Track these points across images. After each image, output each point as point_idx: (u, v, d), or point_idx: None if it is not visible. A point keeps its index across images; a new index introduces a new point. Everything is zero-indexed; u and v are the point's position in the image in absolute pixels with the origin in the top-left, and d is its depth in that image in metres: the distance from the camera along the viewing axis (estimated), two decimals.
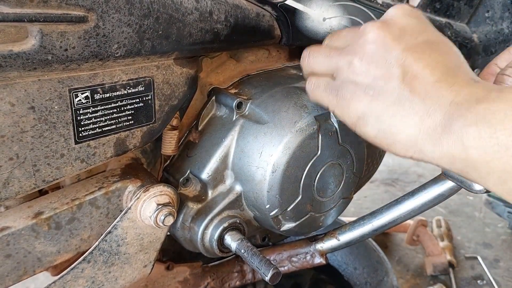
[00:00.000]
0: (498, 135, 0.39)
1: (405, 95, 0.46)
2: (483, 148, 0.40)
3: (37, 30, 0.43)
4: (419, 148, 0.46)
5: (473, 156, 0.41)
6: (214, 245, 0.66)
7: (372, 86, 0.48)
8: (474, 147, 0.40)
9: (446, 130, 0.43)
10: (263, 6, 0.65)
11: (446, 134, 0.43)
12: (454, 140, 0.42)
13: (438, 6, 0.91)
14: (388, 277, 1.15)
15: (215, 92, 0.70)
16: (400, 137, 0.47)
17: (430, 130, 0.44)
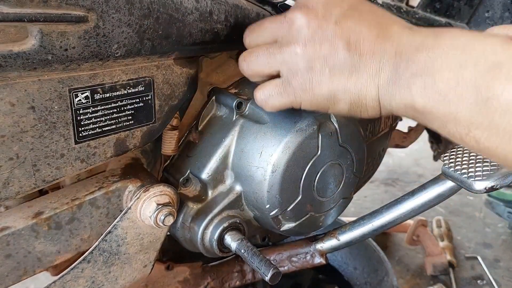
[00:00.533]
0: (438, 84, 0.43)
1: (356, 60, 0.49)
2: (426, 97, 0.44)
3: (37, 30, 0.43)
4: (382, 104, 0.50)
5: (419, 105, 0.45)
6: (214, 245, 0.66)
7: (325, 65, 0.50)
8: (419, 96, 0.44)
9: (396, 82, 0.47)
10: (263, 6, 0.65)
11: (397, 86, 0.47)
12: (404, 91, 0.46)
13: (438, 6, 0.91)
14: (388, 277, 1.15)
15: (215, 92, 0.70)
16: (367, 101, 0.50)
17: (385, 84, 0.48)
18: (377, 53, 0.48)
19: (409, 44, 0.46)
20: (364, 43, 0.48)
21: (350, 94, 0.50)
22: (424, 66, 0.44)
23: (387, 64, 0.47)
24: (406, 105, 0.46)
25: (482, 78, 0.40)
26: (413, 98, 0.45)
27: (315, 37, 0.50)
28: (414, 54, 0.45)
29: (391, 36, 0.48)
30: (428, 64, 0.44)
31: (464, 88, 0.41)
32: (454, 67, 0.42)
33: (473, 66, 0.41)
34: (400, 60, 0.46)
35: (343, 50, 0.49)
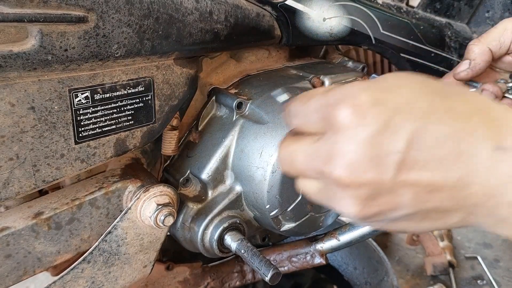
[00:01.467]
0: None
1: (430, 210, 0.37)
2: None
3: (37, 30, 0.43)
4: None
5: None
6: (214, 245, 0.66)
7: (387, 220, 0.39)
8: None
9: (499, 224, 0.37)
10: (263, 6, 0.65)
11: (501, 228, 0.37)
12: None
13: (438, 6, 0.91)
14: (388, 277, 1.15)
15: (215, 92, 0.70)
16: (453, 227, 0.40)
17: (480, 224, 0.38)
18: (460, 199, 0.36)
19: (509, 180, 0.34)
20: (439, 195, 0.36)
21: (422, 230, 0.40)
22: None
23: (478, 209, 0.36)
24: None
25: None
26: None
27: (369, 196, 0.36)
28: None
29: (478, 173, 0.34)
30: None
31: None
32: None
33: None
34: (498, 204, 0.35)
35: (409, 206, 0.36)
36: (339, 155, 0.36)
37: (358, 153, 0.35)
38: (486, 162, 0.34)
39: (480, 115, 0.35)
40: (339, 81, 0.76)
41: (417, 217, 0.38)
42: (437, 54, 0.87)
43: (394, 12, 0.81)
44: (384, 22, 0.78)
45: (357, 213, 0.37)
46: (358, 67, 0.85)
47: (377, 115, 0.35)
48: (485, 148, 0.34)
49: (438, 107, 0.35)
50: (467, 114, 0.35)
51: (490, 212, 0.36)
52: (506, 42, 0.67)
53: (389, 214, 0.37)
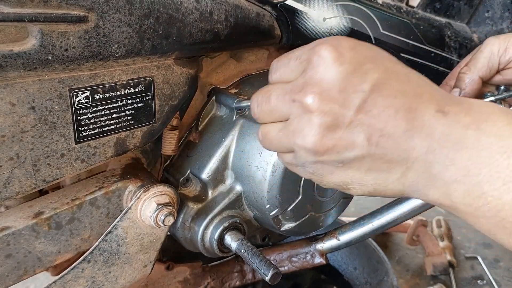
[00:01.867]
0: (487, 195, 0.38)
1: (377, 158, 0.41)
2: (471, 206, 0.39)
3: (37, 30, 0.43)
4: (408, 194, 0.44)
5: (461, 209, 0.40)
6: (214, 245, 0.66)
7: (339, 158, 0.42)
8: (462, 202, 0.40)
9: (429, 184, 0.41)
10: (263, 6, 0.65)
11: (430, 187, 0.41)
12: (441, 194, 0.41)
13: (438, 6, 0.91)
14: (388, 277, 1.15)
15: (215, 92, 0.70)
16: (388, 193, 0.45)
17: (414, 184, 0.42)
18: (404, 150, 0.40)
19: (444, 139, 0.39)
20: (388, 140, 0.40)
21: (367, 187, 0.44)
22: (467, 173, 0.38)
23: (416, 164, 0.40)
24: (443, 204, 0.42)
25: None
26: (453, 202, 0.40)
27: (329, 126, 0.41)
28: (452, 153, 0.39)
29: (422, 128, 0.40)
30: (472, 170, 0.38)
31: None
32: (510, 181, 0.36)
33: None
34: (434, 159, 0.39)
35: (361, 147, 0.41)
36: (313, 84, 0.41)
37: (330, 84, 0.40)
38: (428, 120, 0.40)
39: (430, 86, 0.43)
40: None
41: (365, 164, 0.42)
42: (437, 54, 0.87)
43: (394, 12, 0.81)
44: (384, 22, 0.78)
45: (315, 143, 0.41)
46: None
47: (353, 57, 0.41)
48: (429, 109, 0.40)
49: (400, 70, 0.43)
50: (419, 82, 0.43)
51: (425, 168, 0.40)
52: (494, 66, 0.68)
53: (342, 152, 0.42)
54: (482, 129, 0.39)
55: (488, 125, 0.39)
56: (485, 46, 0.68)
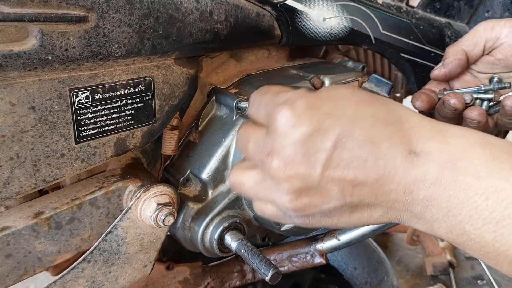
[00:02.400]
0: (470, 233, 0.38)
1: (356, 203, 0.42)
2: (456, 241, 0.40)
3: (37, 30, 0.43)
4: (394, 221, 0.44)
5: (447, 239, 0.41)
6: (214, 245, 0.66)
7: (319, 211, 0.43)
8: (446, 238, 0.40)
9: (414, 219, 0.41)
10: (263, 6, 0.65)
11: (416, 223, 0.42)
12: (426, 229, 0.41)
13: (438, 6, 0.91)
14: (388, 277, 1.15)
15: (215, 92, 0.70)
16: (379, 223, 0.45)
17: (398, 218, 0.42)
18: (381, 195, 0.40)
19: (420, 181, 0.39)
20: (362, 189, 0.40)
21: (356, 224, 0.45)
22: (448, 212, 0.38)
23: (396, 204, 0.40)
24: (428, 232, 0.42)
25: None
26: (438, 234, 0.40)
27: (300, 188, 0.41)
28: (430, 194, 0.38)
29: (395, 174, 0.39)
30: (452, 210, 0.38)
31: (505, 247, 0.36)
32: (490, 222, 0.36)
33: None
34: (413, 200, 0.39)
35: (336, 199, 0.41)
36: (277, 151, 0.41)
37: (292, 150, 0.40)
38: (401, 164, 0.39)
39: (398, 123, 0.41)
40: (339, 80, 0.76)
41: (346, 210, 0.42)
42: (437, 54, 0.87)
43: (394, 12, 0.81)
44: (384, 22, 0.78)
45: (290, 204, 0.42)
46: (358, 67, 0.85)
47: (310, 118, 0.40)
48: (400, 153, 0.39)
49: (362, 114, 0.40)
50: (387, 122, 0.40)
51: (406, 207, 0.40)
52: (479, 42, 0.68)
53: (321, 206, 0.42)
54: (458, 168, 0.38)
55: (464, 163, 0.38)
56: (475, 27, 0.70)
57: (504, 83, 0.68)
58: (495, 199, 0.36)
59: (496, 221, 0.36)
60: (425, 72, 0.86)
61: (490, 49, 0.69)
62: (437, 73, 0.71)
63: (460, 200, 0.37)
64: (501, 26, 0.66)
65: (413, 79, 0.87)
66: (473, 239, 0.38)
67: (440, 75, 0.70)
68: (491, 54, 0.69)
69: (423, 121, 0.41)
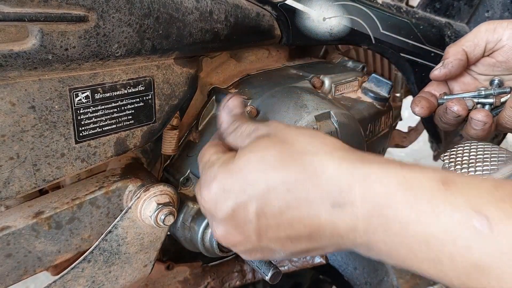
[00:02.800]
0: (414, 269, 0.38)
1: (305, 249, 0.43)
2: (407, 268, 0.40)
3: (37, 30, 0.43)
4: None
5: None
6: (215, 245, 0.66)
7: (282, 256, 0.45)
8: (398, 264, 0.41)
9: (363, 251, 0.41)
10: (263, 6, 0.65)
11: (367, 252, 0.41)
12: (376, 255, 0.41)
13: (438, 6, 0.91)
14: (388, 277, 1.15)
15: (215, 91, 0.70)
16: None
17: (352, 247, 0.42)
18: (322, 242, 0.41)
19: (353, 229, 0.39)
20: (301, 242, 0.42)
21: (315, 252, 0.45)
22: (390, 253, 0.38)
23: (343, 246, 0.41)
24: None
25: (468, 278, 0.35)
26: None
27: (248, 251, 0.45)
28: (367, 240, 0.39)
29: (324, 230, 0.40)
30: (393, 252, 0.38)
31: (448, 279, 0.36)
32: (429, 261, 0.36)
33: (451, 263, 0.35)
34: (354, 244, 0.40)
35: (284, 252, 0.44)
36: (214, 227, 0.46)
37: (223, 227, 0.44)
38: (328, 219, 0.39)
39: (314, 180, 0.40)
40: (339, 80, 0.76)
41: (300, 253, 0.43)
42: (437, 54, 0.87)
43: (394, 12, 0.81)
44: (384, 22, 0.78)
45: (250, 257, 0.47)
46: (358, 67, 0.85)
47: (226, 199, 0.43)
48: (322, 209, 0.39)
49: (273, 184, 0.41)
50: (301, 183, 0.40)
51: (352, 246, 0.41)
52: (480, 43, 0.68)
53: (274, 255, 0.45)
54: (385, 216, 0.37)
55: (389, 211, 0.37)
56: (476, 27, 0.69)
57: (505, 88, 0.68)
58: (426, 243, 0.36)
59: (434, 261, 0.36)
60: (425, 72, 0.86)
61: (491, 51, 0.68)
62: (437, 73, 0.70)
63: (395, 243, 0.37)
64: (503, 28, 0.66)
65: (413, 79, 0.87)
66: (421, 272, 0.38)
67: (441, 76, 0.70)
68: (491, 56, 0.69)
69: (340, 168, 0.40)
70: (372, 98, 0.75)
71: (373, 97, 0.75)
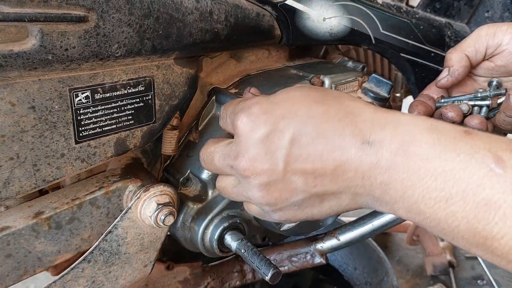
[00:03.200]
0: (425, 212, 0.41)
1: (321, 193, 0.46)
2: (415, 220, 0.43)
3: (37, 30, 0.43)
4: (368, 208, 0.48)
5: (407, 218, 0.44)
6: (214, 245, 0.66)
7: (290, 204, 0.48)
8: (407, 218, 0.44)
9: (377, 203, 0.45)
10: (263, 6, 0.65)
11: (379, 206, 0.45)
12: (389, 210, 0.45)
13: (438, 6, 0.91)
14: (388, 277, 1.15)
15: (215, 92, 0.70)
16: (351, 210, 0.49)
17: (365, 203, 0.46)
18: (342, 182, 0.44)
19: (375, 168, 0.42)
20: (324, 179, 0.45)
21: (329, 213, 0.49)
22: (403, 194, 0.41)
23: (359, 189, 0.44)
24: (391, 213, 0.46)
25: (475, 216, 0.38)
26: (399, 215, 0.44)
27: (268, 183, 0.46)
28: (386, 179, 0.42)
29: (351, 162, 0.43)
30: (407, 192, 0.41)
31: (457, 223, 0.39)
32: (440, 201, 0.39)
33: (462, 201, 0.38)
34: (372, 186, 0.43)
35: (302, 191, 0.46)
36: (242, 153, 0.46)
37: (254, 150, 0.45)
38: (355, 154, 0.43)
39: (351, 118, 0.44)
40: (339, 80, 0.76)
41: (315, 201, 0.47)
42: (437, 54, 0.87)
43: (394, 12, 0.81)
44: (384, 22, 0.78)
45: (263, 199, 0.47)
46: (358, 67, 0.85)
47: (265, 121, 0.45)
48: (353, 144, 0.43)
49: (314, 113, 0.45)
50: (338, 118, 0.44)
51: (367, 192, 0.44)
52: (481, 48, 0.68)
53: (290, 199, 0.47)
54: (409, 153, 0.41)
55: (414, 148, 0.41)
56: (475, 31, 0.69)
57: (501, 90, 0.68)
58: (443, 179, 0.39)
59: (445, 200, 0.39)
60: (425, 72, 0.86)
61: (491, 55, 0.69)
62: (444, 82, 0.70)
63: (412, 182, 0.41)
64: (503, 32, 0.66)
65: (413, 79, 0.87)
66: (429, 217, 0.41)
67: (448, 85, 0.70)
68: (491, 60, 0.69)
69: (376, 114, 0.45)
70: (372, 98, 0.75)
71: (373, 97, 0.75)
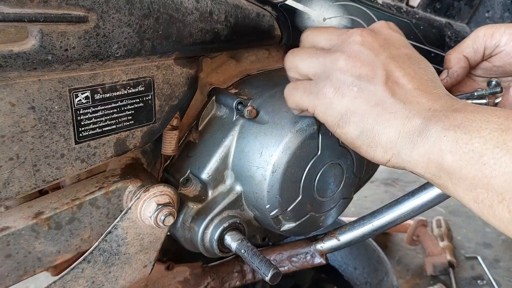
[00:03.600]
0: (473, 142, 0.40)
1: (388, 97, 0.48)
2: (458, 153, 0.41)
3: (37, 30, 0.43)
4: (397, 151, 0.47)
5: (448, 161, 0.42)
6: (214, 245, 0.66)
7: (357, 83, 0.49)
8: (450, 151, 0.42)
9: (424, 133, 0.45)
10: (263, 6, 0.65)
11: (424, 138, 0.45)
12: (432, 143, 0.44)
13: (438, 6, 0.91)
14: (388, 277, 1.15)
15: (215, 92, 0.70)
16: (381, 139, 0.48)
17: (410, 133, 0.46)
18: (410, 102, 0.47)
19: (447, 105, 0.46)
20: (400, 87, 0.48)
21: (366, 123, 0.49)
22: (460, 123, 0.42)
23: (417, 115, 0.46)
24: (431, 159, 0.44)
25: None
26: (442, 153, 0.43)
27: (363, 56, 0.50)
28: (451, 113, 0.44)
29: (431, 94, 0.48)
30: (465, 123, 0.42)
31: (504, 152, 0.38)
32: (494, 130, 0.40)
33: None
34: (433, 116, 0.45)
35: (380, 81, 0.49)
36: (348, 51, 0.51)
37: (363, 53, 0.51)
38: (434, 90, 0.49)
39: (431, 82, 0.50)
40: None
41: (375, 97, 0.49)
42: (437, 54, 0.87)
43: (394, 12, 0.81)
44: None
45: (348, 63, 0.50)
46: None
47: (377, 40, 0.52)
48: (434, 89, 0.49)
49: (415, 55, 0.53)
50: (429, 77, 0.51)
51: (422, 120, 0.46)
52: (479, 49, 0.68)
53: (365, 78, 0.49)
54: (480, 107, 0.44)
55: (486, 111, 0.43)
56: (473, 32, 0.69)
57: (496, 88, 0.68)
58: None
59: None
60: None
61: (489, 56, 0.69)
62: (443, 83, 0.70)
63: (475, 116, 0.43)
64: (501, 33, 0.66)
65: None
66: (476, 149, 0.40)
67: (447, 86, 0.70)
68: (489, 61, 0.69)
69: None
70: None
71: None
